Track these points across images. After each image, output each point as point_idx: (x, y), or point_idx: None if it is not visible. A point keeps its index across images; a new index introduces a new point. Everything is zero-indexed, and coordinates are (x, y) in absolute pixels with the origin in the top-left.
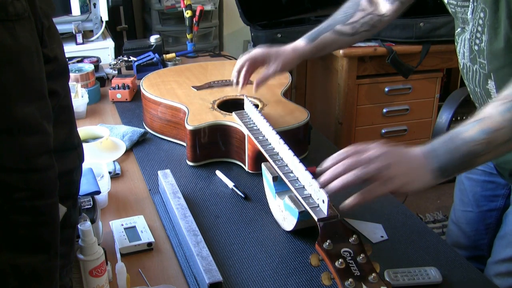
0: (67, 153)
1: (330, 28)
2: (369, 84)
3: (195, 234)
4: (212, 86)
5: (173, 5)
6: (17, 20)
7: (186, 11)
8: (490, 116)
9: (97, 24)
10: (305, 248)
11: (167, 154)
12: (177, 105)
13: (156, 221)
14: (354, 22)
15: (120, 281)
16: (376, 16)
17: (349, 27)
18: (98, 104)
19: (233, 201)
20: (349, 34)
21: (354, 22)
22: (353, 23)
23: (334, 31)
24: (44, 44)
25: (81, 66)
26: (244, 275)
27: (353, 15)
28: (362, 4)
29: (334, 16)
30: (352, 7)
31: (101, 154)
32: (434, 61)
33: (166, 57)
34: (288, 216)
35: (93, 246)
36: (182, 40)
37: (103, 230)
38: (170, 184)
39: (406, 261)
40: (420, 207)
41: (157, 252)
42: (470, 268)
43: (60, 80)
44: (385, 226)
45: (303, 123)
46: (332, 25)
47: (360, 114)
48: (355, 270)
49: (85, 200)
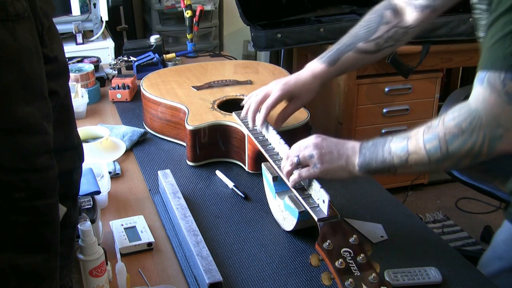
0: (67, 153)
1: (352, 47)
2: (369, 84)
3: (195, 234)
4: (212, 86)
5: (173, 5)
6: (17, 20)
7: (186, 11)
8: (417, 139)
9: (97, 24)
10: (305, 248)
11: (167, 154)
12: (177, 105)
13: (156, 221)
14: (378, 38)
15: (120, 281)
16: (401, 28)
17: (372, 44)
18: (98, 104)
19: (233, 201)
20: (372, 51)
21: (378, 37)
22: (377, 39)
23: (356, 50)
24: (44, 44)
25: (81, 66)
26: (244, 275)
27: (377, 30)
28: (386, 16)
29: (356, 31)
30: (375, 20)
31: (101, 154)
32: (434, 61)
33: (166, 57)
34: (288, 216)
35: (93, 246)
36: (182, 40)
37: (103, 230)
38: (170, 184)
39: (406, 261)
40: (420, 207)
41: (157, 252)
42: (470, 268)
43: (60, 80)
44: (385, 226)
45: (303, 123)
46: (354, 43)
47: (360, 114)
48: (355, 270)
49: (85, 200)
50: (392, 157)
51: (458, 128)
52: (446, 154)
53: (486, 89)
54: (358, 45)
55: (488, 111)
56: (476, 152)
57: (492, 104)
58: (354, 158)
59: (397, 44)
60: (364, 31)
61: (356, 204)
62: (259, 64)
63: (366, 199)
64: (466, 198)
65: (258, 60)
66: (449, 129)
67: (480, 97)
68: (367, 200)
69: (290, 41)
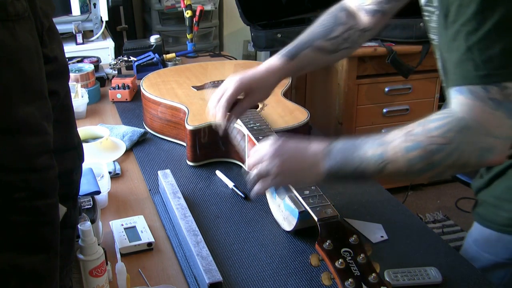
0: (67, 153)
1: (309, 44)
2: (369, 84)
3: (195, 234)
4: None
5: (173, 5)
6: (17, 20)
7: (186, 11)
8: (394, 146)
9: (97, 24)
10: (305, 248)
11: (167, 154)
12: (177, 105)
13: (156, 221)
14: (336, 37)
15: (120, 281)
16: (357, 31)
17: (330, 43)
18: (98, 104)
19: (233, 201)
20: (330, 51)
21: (336, 37)
22: (334, 38)
23: (314, 47)
24: (44, 44)
25: (81, 66)
26: (244, 275)
27: (333, 29)
28: (341, 17)
29: (313, 30)
30: (330, 21)
31: (101, 154)
32: (434, 61)
33: (166, 57)
34: (288, 216)
35: (93, 246)
36: (182, 40)
37: (103, 230)
38: (170, 184)
39: (406, 261)
40: (420, 207)
41: (157, 252)
42: (470, 268)
43: (60, 80)
44: (385, 226)
45: (303, 123)
46: (312, 40)
47: (360, 114)
48: (355, 270)
49: (85, 200)
50: (366, 165)
51: (443, 139)
52: (429, 165)
53: (468, 97)
54: (316, 42)
55: (476, 119)
56: (463, 163)
57: (479, 111)
58: (321, 162)
59: (354, 47)
60: (320, 30)
61: (356, 204)
62: (259, 64)
63: (366, 199)
64: (466, 198)
65: (258, 60)
66: (433, 139)
67: (464, 106)
68: (367, 200)
69: (290, 41)
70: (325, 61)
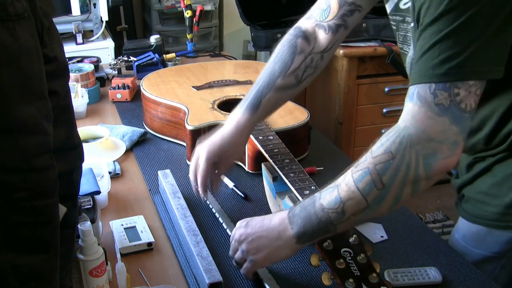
0: (67, 153)
1: (270, 86)
2: (369, 84)
3: (195, 234)
4: (212, 86)
5: (173, 5)
6: (17, 20)
7: (186, 11)
8: (347, 183)
9: (97, 24)
10: (305, 248)
11: (167, 154)
12: (177, 105)
13: (156, 221)
14: (296, 70)
15: (120, 281)
16: (317, 54)
17: (291, 78)
18: (98, 104)
19: (233, 201)
20: (293, 85)
21: (296, 69)
22: (294, 71)
23: (276, 88)
24: (44, 44)
25: (81, 66)
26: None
27: (292, 61)
28: (298, 45)
29: (272, 68)
30: (288, 51)
31: (101, 154)
32: None
33: (166, 57)
34: None
35: (93, 246)
36: (182, 40)
37: (103, 230)
38: (170, 184)
39: (406, 261)
40: (420, 207)
41: (157, 252)
42: (470, 268)
43: (60, 80)
44: (385, 226)
45: (303, 123)
46: (271, 81)
47: (360, 114)
48: (355, 270)
49: (85, 200)
50: (327, 214)
51: (387, 154)
52: (383, 188)
53: (416, 103)
54: (276, 82)
55: (418, 126)
56: (414, 177)
57: (422, 118)
58: (287, 232)
59: (317, 71)
60: (279, 66)
61: None
62: (259, 64)
63: None
64: None
65: (258, 60)
66: (378, 159)
67: (409, 114)
68: None
69: None
70: (290, 94)
